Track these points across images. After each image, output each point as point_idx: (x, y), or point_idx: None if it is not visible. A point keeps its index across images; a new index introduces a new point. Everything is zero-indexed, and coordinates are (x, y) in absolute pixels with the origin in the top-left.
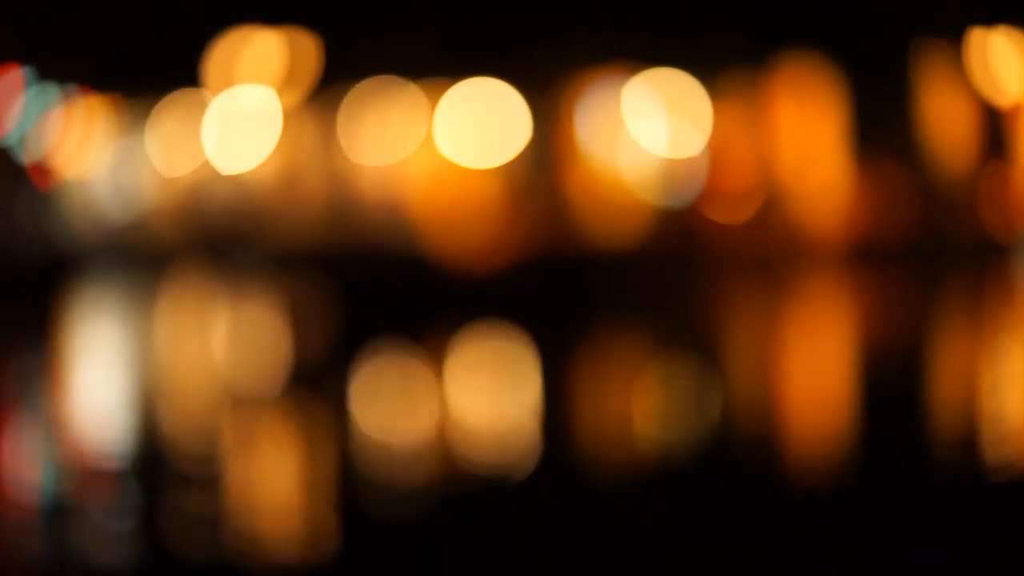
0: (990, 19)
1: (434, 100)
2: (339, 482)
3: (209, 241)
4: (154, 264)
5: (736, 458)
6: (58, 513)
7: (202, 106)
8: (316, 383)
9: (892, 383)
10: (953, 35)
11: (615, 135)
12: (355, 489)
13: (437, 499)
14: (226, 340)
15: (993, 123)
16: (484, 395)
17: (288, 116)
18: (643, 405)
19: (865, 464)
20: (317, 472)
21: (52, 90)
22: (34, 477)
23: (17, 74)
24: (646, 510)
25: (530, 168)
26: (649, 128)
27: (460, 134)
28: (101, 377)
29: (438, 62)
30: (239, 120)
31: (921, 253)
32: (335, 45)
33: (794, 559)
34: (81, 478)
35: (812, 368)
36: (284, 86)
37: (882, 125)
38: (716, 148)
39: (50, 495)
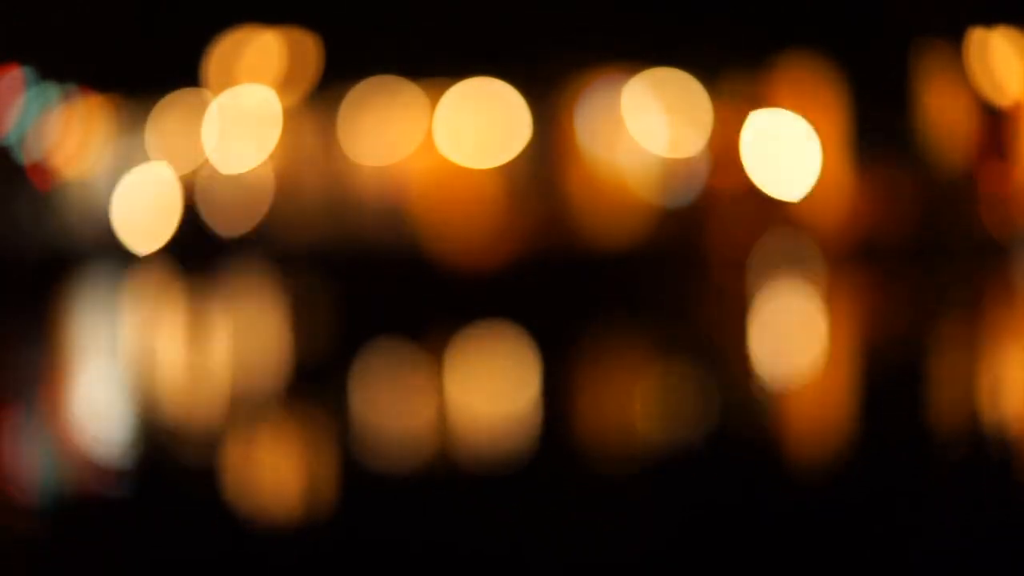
0: (990, 19)
1: (434, 100)
2: (339, 480)
3: (209, 241)
4: (154, 264)
5: (736, 457)
6: (58, 510)
7: (202, 106)
8: (316, 383)
9: (892, 382)
10: (953, 35)
11: (615, 135)
12: (355, 487)
13: (436, 497)
14: (226, 340)
15: (993, 123)
16: (484, 395)
17: (288, 116)
18: (642, 405)
19: (865, 462)
20: (317, 470)
21: (52, 90)
22: (34, 476)
23: (17, 74)
24: (646, 508)
25: (530, 168)
26: (649, 128)
27: (460, 134)
28: (101, 376)
29: (438, 62)
30: (239, 120)
31: (921, 253)
32: (335, 45)
33: (794, 557)
34: (81, 477)
35: (811, 367)
36: (284, 86)
37: (883, 125)
38: (716, 148)
39: (50, 494)
